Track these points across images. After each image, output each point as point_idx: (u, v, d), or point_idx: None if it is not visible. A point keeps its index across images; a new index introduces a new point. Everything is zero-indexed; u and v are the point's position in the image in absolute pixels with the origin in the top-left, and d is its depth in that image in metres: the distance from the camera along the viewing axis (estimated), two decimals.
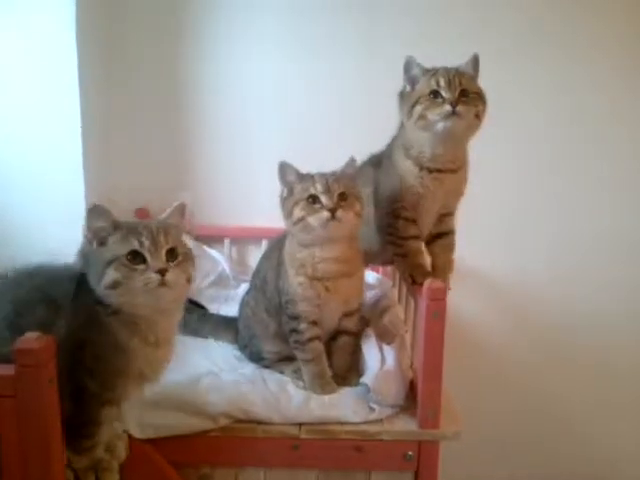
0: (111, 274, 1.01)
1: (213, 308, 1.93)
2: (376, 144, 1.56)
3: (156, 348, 1.10)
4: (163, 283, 1.02)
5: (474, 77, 1.40)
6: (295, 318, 1.47)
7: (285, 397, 1.43)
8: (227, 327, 1.76)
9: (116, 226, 1.05)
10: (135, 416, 1.33)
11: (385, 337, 1.59)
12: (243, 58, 2.13)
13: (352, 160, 1.43)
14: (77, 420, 1.07)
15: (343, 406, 1.41)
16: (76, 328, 1.03)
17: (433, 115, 1.34)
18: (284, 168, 1.41)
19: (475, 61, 1.40)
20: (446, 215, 1.51)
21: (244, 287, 1.99)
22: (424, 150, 1.40)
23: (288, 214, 1.40)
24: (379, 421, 1.40)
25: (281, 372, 1.55)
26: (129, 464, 1.24)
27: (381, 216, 1.52)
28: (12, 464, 0.95)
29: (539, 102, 2.13)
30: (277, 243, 1.58)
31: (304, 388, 1.47)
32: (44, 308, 1.04)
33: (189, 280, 1.09)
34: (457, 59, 1.40)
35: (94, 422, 1.10)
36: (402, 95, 1.43)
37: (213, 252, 2.16)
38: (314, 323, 1.47)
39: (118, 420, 1.24)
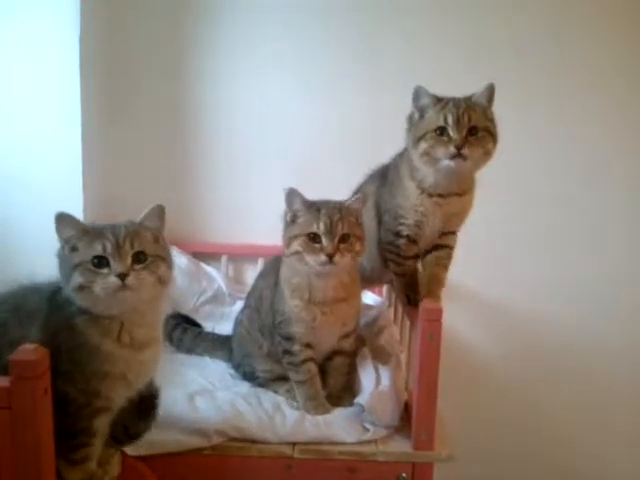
0: (76, 277, 1.03)
1: (209, 326, 1.93)
2: (378, 161, 1.56)
3: (134, 351, 1.10)
4: (124, 286, 1.03)
5: (486, 109, 1.36)
6: (289, 339, 1.47)
7: (279, 416, 1.43)
8: (222, 346, 1.75)
9: (85, 232, 1.06)
10: None
11: (381, 357, 1.59)
12: (244, 77, 2.16)
13: (361, 196, 1.41)
14: (70, 430, 1.06)
15: (337, 426, 1.40)
16: (50, 335, 1.04)
17: (438, 153, 1.32)
18: (291, 195, 1.38)
19: (490, 91, 1.36)
20: (447, 233, 1.48)
21: (240, 304, 1.99)
22: (428, 179, 1.38)
23: (287, 243, 1.38)
24: (373, 442, 1.39)
25: (275, 391, 1.55)
26: None
27: (384, 232, 1.50)
28: (4, 476, 0.94)
29: (536, 125, 2.15)
30: (274, 263, 1.58)
31: (297, 408, 1.47)
32: (16, 326, 1.06)
33: (161, 281, 1.09)
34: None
35: (87, 432, 1.09)
36: (410, 120, 1.40)
37: (210, 269, 2.17)
38: (308, 345, 1.47)
39: None
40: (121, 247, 1.04)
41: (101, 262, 1.04)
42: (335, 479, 1.38)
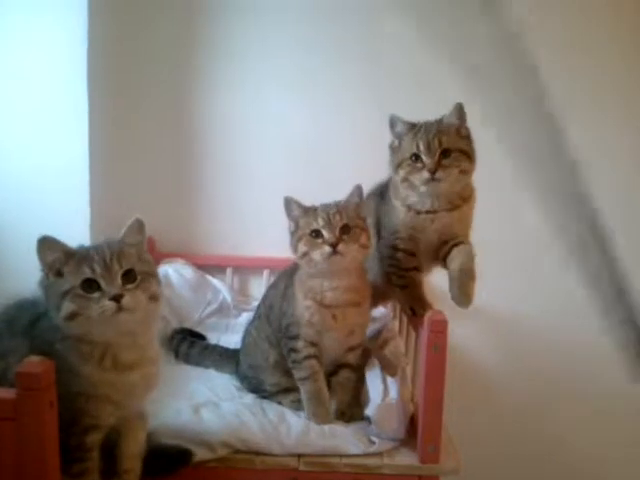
0: (67, 306, 0.99)
1: (214, 337, 1.93)
2: (383, 173, 1.56)
3: (119, 373, 1.07)
4: (120, 309, 1.00)
5: (459, 128, 1.40)
6: (294, 338, 1.47)
7: (284, 427, 1.42)
8: (229, 359, 1.74)
9: (69, 255, 1.02)
10: None
11: (387, 369, 1.59)
12: (251, 92, 2.17)
13: (358, 188, 1.43)
14: (65, 446, 1.05)
15: (343, 437, 1.39)
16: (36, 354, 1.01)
17: (414, 180, 1.38)
18: (289, 203, 1.43)
19: (459, 110, 1.40)
20: (455, 244, 1.45)
21: (245, 316, 1.99)
22: (411, 199, 1.43)
23: (294, 249, 1.42)
24: (379, 454, 1.38)
25: (279, 403, 1.54)
26: None
27: (383, 247, 1.53)
28: None
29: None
30: (284, 273, 1.60)
31: (305, 417, 1.46)
32: (10, 337, 1.06)
33: (154, 298, 1.06)
34: None
35: (80, 448, 1.08)
36: (392, 148, 1.47)
37: (215, 281, 2.18)
38: (312, 344, 1.46)
39: None
40: (109, 267, 1.01)
41: (91, 286, 1.00)
42: None
